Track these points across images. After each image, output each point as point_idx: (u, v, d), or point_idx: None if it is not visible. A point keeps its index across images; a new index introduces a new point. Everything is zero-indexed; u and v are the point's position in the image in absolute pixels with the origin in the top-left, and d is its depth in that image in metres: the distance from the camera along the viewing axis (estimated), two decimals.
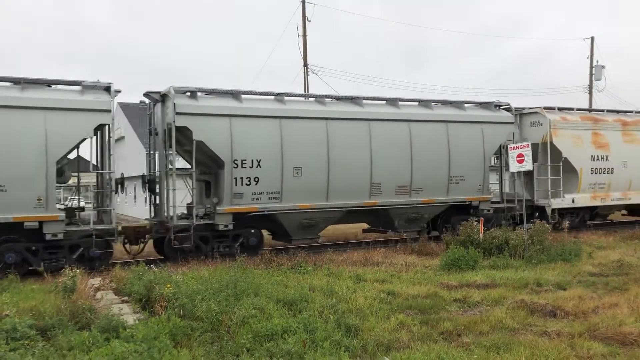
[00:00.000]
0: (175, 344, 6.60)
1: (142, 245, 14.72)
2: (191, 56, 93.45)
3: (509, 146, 15.78)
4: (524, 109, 20.25)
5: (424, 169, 17.23)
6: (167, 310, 7.83)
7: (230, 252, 14.62)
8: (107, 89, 13.59)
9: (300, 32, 30.63)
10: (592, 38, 39.56)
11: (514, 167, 15.01)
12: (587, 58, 39.79)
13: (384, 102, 17.70)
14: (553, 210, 19.34)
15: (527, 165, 14.74)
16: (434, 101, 18.29)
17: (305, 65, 30.71)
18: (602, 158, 20.38)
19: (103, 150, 14.45)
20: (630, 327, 7.55)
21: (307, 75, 30.70)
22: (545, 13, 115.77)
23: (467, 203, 18.16)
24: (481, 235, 14.61)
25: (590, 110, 22.61)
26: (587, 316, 8.41)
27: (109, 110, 13.38)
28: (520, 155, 14.78)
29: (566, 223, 17.33)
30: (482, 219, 16.17)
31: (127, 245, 14.54)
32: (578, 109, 21.17)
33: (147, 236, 14.72)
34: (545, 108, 19.95)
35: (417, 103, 18.09)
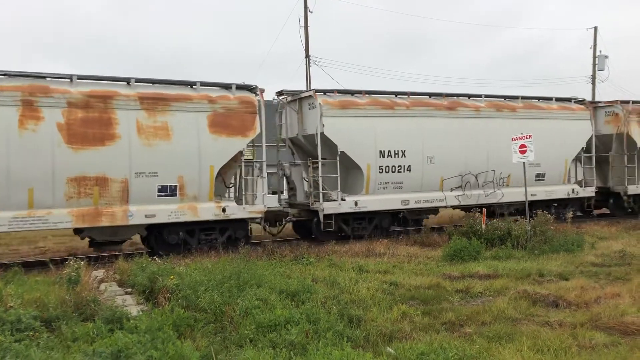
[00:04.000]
0: (178, 335, 6.64)
1: None
2: (186, 47, 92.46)
3: (511, 137, 15.58)
4: None
5: None
6: (170, 302, 7.87)
7: None
8: None
9: (302, 23, 30.47)
10: (595, 28, 39.27)
11: (517, 158, 14.98)
12: (590, 48, 39.58)
13: None
14: None
15: (531, 156, 14.71)
16: None
17: (307, 56, 30.58)
18: None
19: None
20: (632, 317, 7.57)
21: (309, 66, 30.59)
22: (545, 1, 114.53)
23: None
24: (483, 226, 14.63)
25: None
26: (590, 306, 8.42)
27: None
28: (522, 146, 14.76)
29: None
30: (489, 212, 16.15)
31: None
32: None
33: None
34: None
35: None
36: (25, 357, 5.68)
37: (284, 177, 17.60)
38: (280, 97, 17.44)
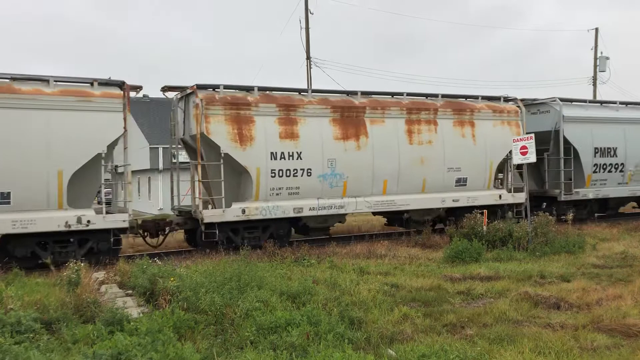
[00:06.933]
0: (179, 337, 6.63)
1: None
2: (185, 47, 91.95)
3: (512, 138, 15.51)
4: None
5: None
6: (171, 304, 7.86)
7: None
8: None
9: (303, 24, 30.44)
10: (597, 29, 39.25)
11: (517, 159, 14.96)
12: (591, 49, 39.54)
13: None
14: None
15: (532, 158, 14.68)
16: None
17: (308, 58, 30.55)
18: None
19: None
20: (634, 319, 7.55)
21: (310, 68, 30.57)
22: (541, 1, 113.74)
23: None
24: (485, 227, 14.60)
25: None
26: (591, 308, 8.40)
27: None
28: (523, 147, 14.72)
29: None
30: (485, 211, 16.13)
31: None
32: None
33: None
34: None
35: None
36: None
37: None
38: None
